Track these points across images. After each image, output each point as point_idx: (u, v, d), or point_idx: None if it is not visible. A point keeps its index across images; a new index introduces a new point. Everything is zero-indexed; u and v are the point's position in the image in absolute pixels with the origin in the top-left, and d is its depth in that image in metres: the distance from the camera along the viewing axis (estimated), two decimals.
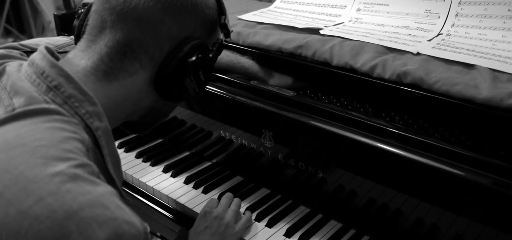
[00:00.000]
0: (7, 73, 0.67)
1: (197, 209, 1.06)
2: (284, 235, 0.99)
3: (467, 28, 1.08)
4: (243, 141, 1.12)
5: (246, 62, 1.13)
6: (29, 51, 0.79)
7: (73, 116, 0.63)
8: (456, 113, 0.86)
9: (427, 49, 1.00)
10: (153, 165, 1.24)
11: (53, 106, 0.62)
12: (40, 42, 0.85)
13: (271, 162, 1.08)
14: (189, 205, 1.08)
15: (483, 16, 1.06)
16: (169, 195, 1.12)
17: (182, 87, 0.75)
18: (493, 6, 1.05)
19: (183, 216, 1.10)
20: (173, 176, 1.19)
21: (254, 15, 1.36)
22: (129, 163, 1.25)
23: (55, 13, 1.49)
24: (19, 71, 0.67)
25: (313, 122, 0.96)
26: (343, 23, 1.24)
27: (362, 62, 0.98)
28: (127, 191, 1.19)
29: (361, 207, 0.95)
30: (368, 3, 1.25)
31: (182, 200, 1.10)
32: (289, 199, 1.09)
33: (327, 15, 1.29)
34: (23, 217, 0.51)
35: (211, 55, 0.78)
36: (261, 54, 1.14)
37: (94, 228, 0.52)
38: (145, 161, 1.26)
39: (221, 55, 0.98)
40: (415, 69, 0.91)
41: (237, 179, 1.18)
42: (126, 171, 1.21)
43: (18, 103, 0.62)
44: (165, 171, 1.21)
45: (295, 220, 1.03)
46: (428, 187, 0.84)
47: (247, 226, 1.00)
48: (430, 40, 1.07)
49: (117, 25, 0.69)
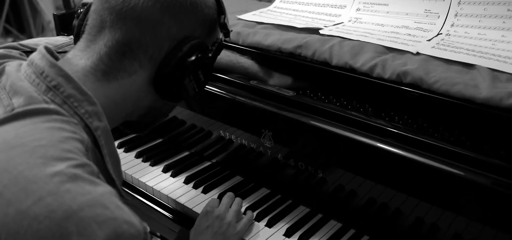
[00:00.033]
0: (6, 73, 0.67)
1: (197, 209, 1.06)
2: (284, 235, 0.99)
3: (466, 28, 1.08)
4: (243, 141, 1.12)
5: (246, 62, 1.13)
6: (29, 51, 0.79)
7: (73, 116, 0.63)
8: (455, 112, 0.86)
9: (426, 49, 1.00)
10: (152, 165, 1.24)
11: (52, 106, 0.62)
12: (39, 42, 0.85)
13: (270, 162, 1.08)
14: (189, 205, 1.08)
15: (483, 16, 1.06)
16: (169, 195, 1.12)
17: (181, 86, 0.75)
18: (492, 6, 1.05)
19: (182, 216, 1.10)
20: (173, 176, 1.19)
21: (254, 15, 1.36)
22: (128, 163, 1.25)
23: (55, 13, 1.49)
24: (19, 71, 0.67)
25: (312, 122, 0.95)
26: (342, 23, 1.24)
27: (362, 62, 0.98)
28: (126, 191, 1.19)
29: (361, 207, 0.95)
30: (367, 3, 1.25)
31: (182, 200, 1.10)
32: (289, 199, 1.09)
33: (326, 15, 1.29)
34: (22, 217, 0.51)
35: (210, 55, 0.78)
36: (260, 54, 1.14)
37: (94, 228, 0.52)
38: (144, 161, 1.26)
39: (220, 55, 0.97)
40: (415, 69, 0.91)
41: (237, 179, 1.18)
42: (125, 171, 1.21)
43: (18, 103, 0.61)
44: (165, 171, 1.21)
45: (295, 220, 1.03)
46: (428, 187, 0.84)
47: (248, 226, 1.00)
48: (429, 40, 1.06)
49: (117, 25, 0.69)
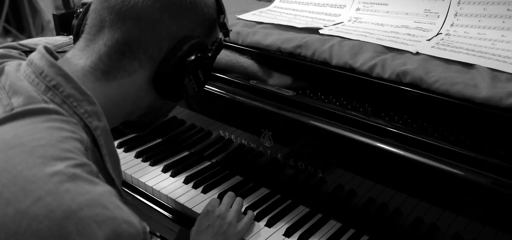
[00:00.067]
0: (6, 72, 0.67)
1: (196, 209, 1.06)
2: (284, 234, 0.99)
3: (466, 28, 1.08)
4: (243, 141, 1.12)
5: (246, 61, 1.13)
6: (28, 51, 0.79)
7: (72, 116, 0.63)
8: (455, 112, 0.86)
9: (426, 49, 1.00)
10: (152, 164, 1.24)
11: (51, 105, 0.62)
12: (39, 42, 0.85)
13: (270, 162, 1.08)
14: (189, 205, 1.08)
15: (483, 16, 1.06)
16: (169, 195, 1.12)
17: (181, 86, 0.75)
18: (492, 5, 1.05)
19: (182, 215, 1.09)
20: (173, 175, 1.19)
21: (254, 14, 1.36)
22: (128, 163, 1.25)
23: (54, 13, 1.49)
24: (18, 71, 0.67)
25: (312, 122, 0.95)
26: (342, 22, 1.24)
27: (362, 62, 0.98)
28: (126, 191, 1.19)
29: (361, 206, 0.95)
30: (367, 3, 1.25)
31: (182, 200, 1.10)
32: (289, 199, 1.09)
33: (326, 14, 1.29)
34: (21, 217, 0.51)
35: (210, 54, 0.78)
36: (260, 53, 1.14)
37: (93, 227, 0.52)
38: (144, 160, 1.26)
39: (220, 54, 0.97)
40: (415, 68, 0.91)
41: (237, 178, 1.18)
42: (125, 171, 1.21)
43: (17, 102, 0.61)
44: (165, 170, 1.21)
45: (295, 219, 1.03)
46: (428, 186, 0.84)
47: (249, 225, 1.00)
48: (429, 40, 1.06)
49: (116, 24, 0.69)
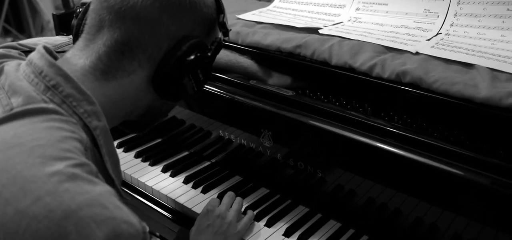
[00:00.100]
0: (5, 72, 0.67)
1: (196, 209, 1.06)
2: (283, 234, 0.99)
3: (466, 28, 1.08)
4: (242, 141, 1.12)
5: (245, 61, 1.13)
6: (28, 51, 0.79)
7: (71, 116, 0.63)
8: (455, 112, 0.86)
9: (426, 49, 1.00)
10: (152, 164, 1.24)
11: (51, 105, 0.62)
12: (38, 42, 0.85)
13: (270, 162, 1.08)
14: (188, 205, 1.08)
15: (482, 16, 1.06)
16: (168, 195, 1.12)
17: (180, 86, 0.75)
18: (492, 5, 1.05)
19: (182, 215, 1.09)
20: (172, 175, 1.19)
21: (253, 14, 1.36)
22: (128, 163, 1.25)
23: (54, 13, 1.49)
24: (17, 71, 0.67)
25: (312, 122, 0.95)
26: (342, 22, 1.24)
27: (361, 62, 0.98)
28: (126, 191, 1.19)
29: (360, 206, 0.95)
30: (367, 3, 1.25)
31: (181, 200, 1.09)
32: (288, 199, 1.09)
33: (326, 14, 1.29)
34: (21, 216, 0.51)
35: (209, 54, 0.78)
36: (260, 53, 1.14)
37: (93, 227, 0.52)
38: (144, 160, 1.26)
39: (220, 54, 0.97)
40: (414, 68, 0.91)
41: (236, 178, 1.18)
42: (125, 171, 1.21)
43: (16, 102, 0.61)
44: (164, 170, 1.21)
45: (294, 219, 1.02)
46: (427, 186, 0.84)
47: (249, 225, 1.00)
48: (429, 40, 1.06)
49: (115, 24, 0.69)
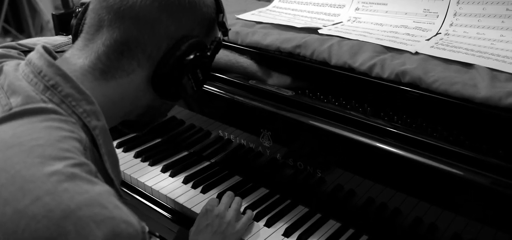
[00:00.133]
0: (4, 72, 0.67)
1: (195, 209, 1.06)
2: (283, 234, 0.99)
3: (465, 28, 1.08)
4: (242, 141, 1.12)
5: (245, 61, 1.13)
6: (27, 51, 0.79)
7: (71, 115, 0.63)
8: (454, 112, 0.86)
9: (425, 49, 1.00)
10: (151, 164, 1.24)
11: (50, 105, 0.62)
12: (38, 42, 0.85)
13: (269, 162, 1.08)
14: (188, 205, 1.08)
15: (482, 16, 1.06)
16: (168, 195, 1.12)
17: (180, 85, 0.75)
18: (491, 5, 1.05)
19: (181, 215, 1.09)
20: (172, 175, 1.19)
21: (253, 14, 1.36)
22: (127, 163, 1.25)
23: (54, 13, 1.49)
24: (17, 71, 0.67)
25: (311, 122, 0.95)
26: (341, 22, 1.24)
27: (361, 62, 0.98)
28: (125, 191, 1.18)
29: (360, 206, 0.95)
30: (366, 3, 1.25)
31: (181, 200, 1.09)
32: (288, 199, 1.09)
33: (325, 14, 1.29)
34: (20, 216, 0.51)
35: (209, 54, 0.78)
36: (259, 53, 1.14)
37: (92, 227, 0.52)
38: (143, 160, 1.26)
39: (219, 54, 0.97)
40: (414, 68, 0.91)
41: (236, 178, 1.18)
42: (124, 171, 1.21)
43: (15, 102, 0.61)
44: (164, 170, 1.21)
45: (294, 219, 1.02)
46: (427, 186, 0.84)
47: (248, 225, 1.00)
48: (428, 40, 1.06)
49: (115, 24, 0.69)
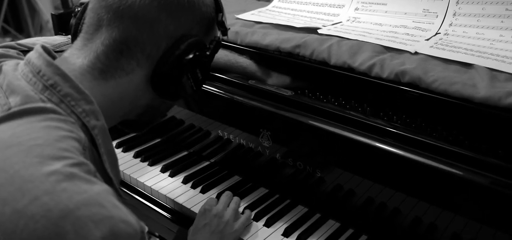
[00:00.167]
0: (3, 72, 0.67)
1: (195, 209, 1.06)
2: (282, 234, 0.98)
3: (465, 27, 1.08)
4: (241, 141, 1.12)
5: (244, 61, 1.12)
6: (26, 50, 0.79)
7: (70, 115, 0.63)
8: (454, 112, 0.86)
9: (425, 48, 1.00)
10: (151, 164, 1.24)
11: (49, 105, 0.62)
12: (37, 42, 0.84)
13: (269, 162, 1.08)
14: (187, 205, 1.07)
15: (481, 16, 1.06)
16: (167, 195, 1.11)
17: (179, 85, 0.75)
18: (490, 5, 1.05)
19: (181, 215, 1.09)
20: (171, 175, 1.19)
21: (252, 14, 1.36)
22: (127, 163, 1.25)
23: (53, 13, 1.49)
24: (15, 70, 0.67)
25: (311, 122, 0.95)
26: (341, 22, 1.23)
27: (360, 62, 0.98)
28: (125, 190, 1.18)
29: (359, 206, 0.95)
30: (366, 3, 1.25)
31: (180, 200, 1.09)
32: (287, 199, 1.09)
33: (325, 14, 1.29)
34: (18, 216, 0.51)
35: (208, 53, 0.78)
36: (259, 53, 1.14)
37: (90, 227, 0.51)
38: (143, 160, 1.26)
39: (219, 54, 0.97)
40: (413, 68, 0.91)
41: (235, 178, 1.18)
42: (124, 171, 1.21)
43: (14, 102, 0.61)
44: (163, 170, 1.21)
45: (293, 219, 1.02)
46: (426, 186, 0.84)
47: (246, 225, 0.99)
48: (428, 39, 1.06)
49: (114, 23, 0.69)
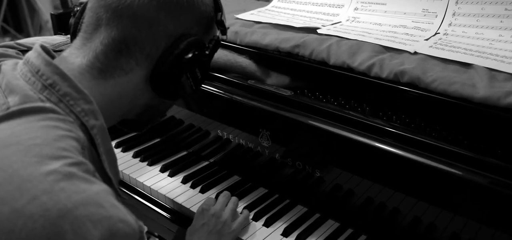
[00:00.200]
0: (2, 71, 0.67)
1: (194, 209, 1.06)
2: (282, 234, 0.98)
3: (464, 27, 1.08)
4: (241, 141, 1.11)
5: (244, 61, 1.12)
6: (25, 50, 0.79)
7: (68, 115, 0.63)
8: (453, 112, 0.86)
9: (424, 48, 1.00)
10: (150, 164, 1.24)
11: (48, 104, 0.62)
12: (36, 41, 0.84)
13: (268, 162, 1.08)
14: (187, 205, 1.07)
15: (480, 15, 1.06)
16: (167, 195, 1.11)
17: (178, 84, 0.75)
18: (490, 5, 1.05)
19: (180, 215, 1.09)
20: (171, 175, 1.19)
21: (252, 14, 1.36)
22: (126, 163, 1.25)
23: (52, 13, 1.49)
24: (14, 70, 0.67)
25: (310, 122, 0.95)
26: (340, 22, 1.23)
27: (360, 61, 0.98)
28: (124, 190, 1.18)
29: (359, 206, 0.95)
30: (365, 3, 1.25)
31: (180, 200, 1.09)
32: (287, 199, 1.09)
33: (324, 14, 1.29)
34: (17, 215, 0.51)
35: (207, 52, 0.78)
36: (258, 53, 1.14)
37: (88, 226, 0.51)
38: (142, 160, 1.26)
39: (218, 54, 0.97)
40: (412, 68, 0.91)
41: (235, 178, 1.18)
42: (123, 171, 1.21)
43: (13, 101, 0.61)
44: (163, 170, 1.21)
45: (293, 219, 1.02)
46: (426, 186, 0.84)
47: (244, 225, 0.99)
48: (427, 39, 1.06)
49: (113, 23, 0.69)
